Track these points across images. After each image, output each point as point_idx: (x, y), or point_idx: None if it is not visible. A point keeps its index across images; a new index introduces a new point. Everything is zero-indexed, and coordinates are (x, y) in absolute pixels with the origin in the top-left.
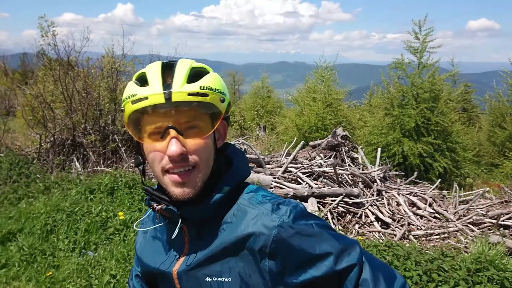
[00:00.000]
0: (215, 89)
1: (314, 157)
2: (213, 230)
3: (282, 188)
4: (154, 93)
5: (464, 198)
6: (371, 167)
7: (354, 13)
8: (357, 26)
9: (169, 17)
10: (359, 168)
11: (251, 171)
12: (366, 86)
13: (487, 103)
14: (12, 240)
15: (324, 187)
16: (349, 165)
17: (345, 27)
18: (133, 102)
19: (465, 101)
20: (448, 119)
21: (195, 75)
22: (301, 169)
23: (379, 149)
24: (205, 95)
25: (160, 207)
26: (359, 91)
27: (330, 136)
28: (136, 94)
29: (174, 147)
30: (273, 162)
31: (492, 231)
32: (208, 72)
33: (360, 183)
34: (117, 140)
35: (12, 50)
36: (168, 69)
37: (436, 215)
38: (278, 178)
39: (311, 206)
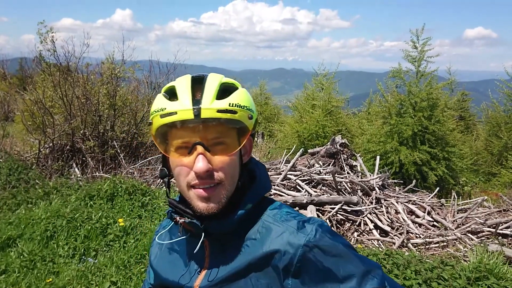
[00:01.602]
0: (243, 106)
1: (313, 165)
2: (236, 245)
3: (281, 195)
4: (183, 108)
5: (463, 207)
6: (370, 175)
7: (352, 21)
8: (355, 34)
9: (168, 23)
10: (357, 176)
11: None
12: (364, 94)
13: (483, 112)
14: (12, 246)
15: (323, 194)
16: (348, 173)
17: (343, 35)
18: (162, 116)
19: (462, 110)
20: (445, 127)
21: (224, 90)
22: (300, 177)
23: (377, 157)
24: (234, 112)
25: (183, 220)
26: (357, 99)
27: (329, 143)
28: (165, 108)
29: (201, 164)
30: (272, 169)
31: (490, 240)
32: (237, 88)
33: (359, 191)
34: (116, 146)
35: (11, 55)
36: (197, 83)
37: (435, 223)
38: (277, 185)
39: (310, 213)
